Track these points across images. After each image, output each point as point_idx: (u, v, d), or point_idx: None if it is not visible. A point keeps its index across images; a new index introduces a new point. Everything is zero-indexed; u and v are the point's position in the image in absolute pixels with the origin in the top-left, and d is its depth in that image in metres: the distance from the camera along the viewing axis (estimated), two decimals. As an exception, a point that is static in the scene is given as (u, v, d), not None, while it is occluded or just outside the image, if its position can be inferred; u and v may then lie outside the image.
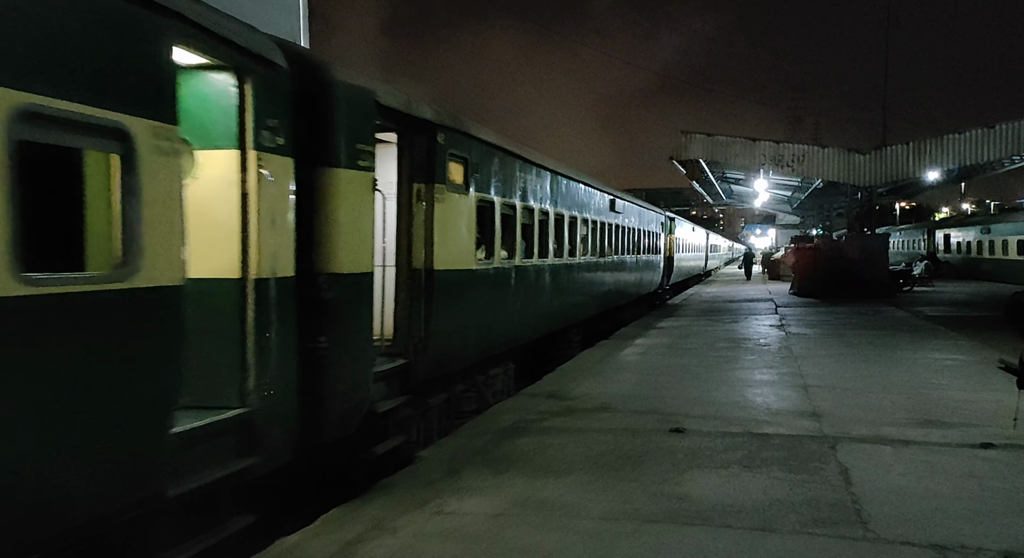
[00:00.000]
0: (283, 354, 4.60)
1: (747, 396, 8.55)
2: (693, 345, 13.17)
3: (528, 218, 9.74)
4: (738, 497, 5.10)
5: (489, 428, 7.26)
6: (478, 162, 7.78)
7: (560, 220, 11.38)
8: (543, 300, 10.44)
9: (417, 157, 6.48)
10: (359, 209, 5.28)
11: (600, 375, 10.17)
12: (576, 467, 5.89)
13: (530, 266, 9.79)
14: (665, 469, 5.79)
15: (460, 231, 7.21)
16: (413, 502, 5.11)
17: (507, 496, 5.21)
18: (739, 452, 6.21)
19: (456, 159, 7.12)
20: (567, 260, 11.73)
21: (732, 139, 25.31)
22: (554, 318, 11.12)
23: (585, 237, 13.11)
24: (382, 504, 5.09)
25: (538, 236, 10.17)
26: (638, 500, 5.09)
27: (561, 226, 11.44)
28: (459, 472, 5.80)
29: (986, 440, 6.41)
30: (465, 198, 7.42)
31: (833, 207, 35.18)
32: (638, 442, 6.61)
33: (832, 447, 6.34)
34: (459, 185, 7.26)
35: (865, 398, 8.33)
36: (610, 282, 15.56)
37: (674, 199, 55.76)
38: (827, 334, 14.56)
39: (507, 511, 4.92)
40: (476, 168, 7.71)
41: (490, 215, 8.26)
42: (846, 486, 5.30)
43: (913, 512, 4.78)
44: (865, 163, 24.16)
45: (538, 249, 10.15)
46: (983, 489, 5.22)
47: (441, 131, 6.70)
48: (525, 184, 9.53)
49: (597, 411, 7.92)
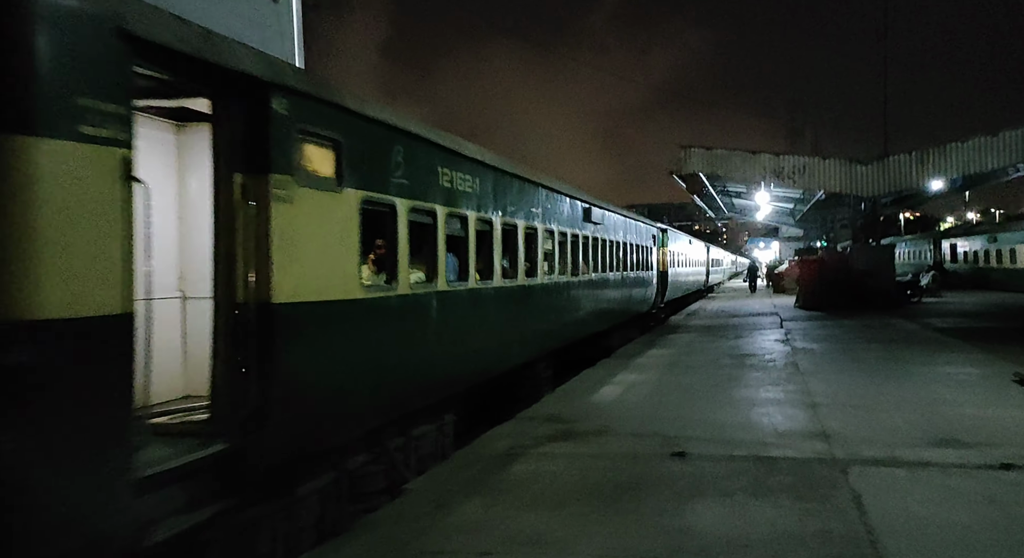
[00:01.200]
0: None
1: (752, 417, 8.20)
2: (696, 362, 12.82)
3: (459, 229, 7.59)
4: (744, 530, 4.75)
5: (482, 455, 6.93)
6: (362, 148, 5.63)
7: (511, 232, 9.19)
8: (489, 332, 8.41)
9: (238, 134, 4.42)
10: (82, 208, 3.27)
11: (599, 396, 9.83)
12: (571, 498, 5.55)
13: (463, 291, 7.62)
14: (665, 498, 5.45)
15: (330, 246, 5.11)
16: (396, 542, 4.78)
17: (496, 533, 4.87)
18: (744, 478, 5.87)
19: (319, 141, 5.03)
20: (524, 282, 9.55)
21: (731, 152, 25.11)
22: (509, 352, 9.10)
23: (550, 253, 10.93)
24: (363, 544, 4.77)
25: (476, 253, 7.96)
26: (636, 535, 4.75)
27: (512, 240, 9.24)
28: (447, 504, 5.47)
29: (1006, 460, 6.07)
30: (338, 198, 5.23)
31: (836, 219, 34.87)
32: (638, 468, 6.27)
33: (843, 471, 6.00)
34: (325, 179, 5.11)
35: (876, 417, 7.98)
36: (588, 304, 13.35)
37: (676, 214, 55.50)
38: (834, 349, 14.19)
39: (496, 549, 4.58)
40: (358, 156, 5.52)
41: (390, 223, 6.08)
42: (860, 516, 4.95)
43: (933, 545, 4.43)
44: (867, 173, 23.90)
45: (479, 269, 8.11)
46: (1006, 517, 4.87)
47: (282, 95, 4.60)
48: (454, 184, 7.40)
49: (596, 434, 7.58)
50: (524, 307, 9.75)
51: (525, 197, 9.75)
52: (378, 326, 5.84)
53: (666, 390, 10.13)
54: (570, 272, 11.93)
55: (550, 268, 10.87)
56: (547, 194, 10.77)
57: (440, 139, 7.15)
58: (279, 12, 21.79)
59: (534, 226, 10.01)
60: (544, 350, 10.78)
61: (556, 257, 11.11)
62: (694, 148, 25.22)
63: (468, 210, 7.79)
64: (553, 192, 11.12)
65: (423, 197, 6.72)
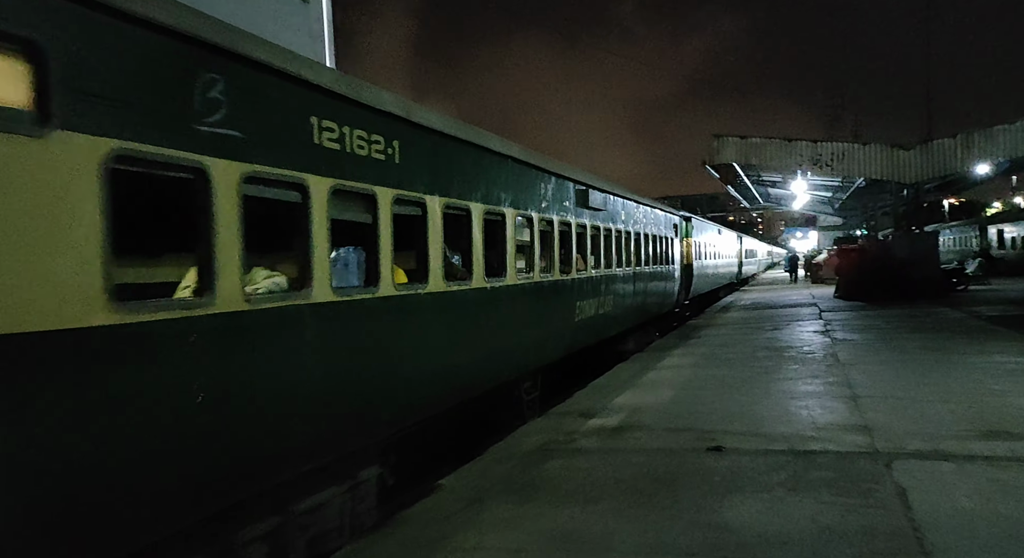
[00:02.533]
0: None
1: (790, 410, 8.03)
2: (731, 355, 12.61)
3: (359, 210, 5.32)
4: (783, 526, 4.64)
5: (515, 451, 6.91)
6: (110, 62, 3.38)
7: (459, 219, 7.03)
8: (431, 352, 6.30)
9: None
10: None
11: (634, 390, 9.73)
12: (606, 493, 5.50)
13: (372, 301, 5.39)
14: (702, 494, 5.35)
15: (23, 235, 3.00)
16: (430, 538, 4.78)
17: (531, 529, 4.84)
18: (783, 473, 5.74)
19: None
20: (486, 284, 7.47)
21: (767, 140, 24.61)
22: (465, 377, 7.02)
23: (529, 247, 8.71)
24: (397, 541, 4.78)
25: (393, 245, 5.76)
26: (673, 530, 4.67)
27: (463, 228, 7.10)
28: (481, 501, 5.46)
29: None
30: (43, 149, 3.06)
31: (878, 206, 33.96)
32: (673, 463, 6.18)
33: (887, 465, 5.82)
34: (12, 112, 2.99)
35: (921, 408, 7.74)
36: (587, 309, 11.14)
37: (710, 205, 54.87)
38: (876, 339, 13.82)
39: (529, 547, 4.55)
40: (96, 74, 3.30)
41: (202, 202, 3.94)
42: (904, 511, 4.80)
43: (982, 540, 4.26)
44: (910, 159, 23.21)
45: (409, 268, 6.25)
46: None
47: None
48: (351, 144, 5.13)
49: (630, 429, 7.50)
50: (487, 317, 7.63)
51: (483, 172, 7.49)
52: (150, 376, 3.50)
53: (701, 384, 9.98)
54: (558, 270, 9.63)
55: (528, 265, 8.64)
56: (521, 170, 8.20)
57: (320, 77, 4.68)
58: (309, 13, 22.02)
59: (499, 211, 7.84)
60: (523, 370, 8.59)
61: (537, 251, 8.83)
62: (727, 137, 24.78)
63: (374, 185, 5.33)
64: (531, 168, 8.53)
65: (274, 159, 4.32)
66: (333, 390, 4.91)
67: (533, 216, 8.76)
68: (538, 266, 8.93)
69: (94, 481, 3.27)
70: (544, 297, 9.24)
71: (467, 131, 7.21)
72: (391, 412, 5.66)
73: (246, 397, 4.17)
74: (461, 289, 6.99)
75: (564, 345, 9.98)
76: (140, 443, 3.49)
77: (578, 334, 10.61)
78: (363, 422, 5.31)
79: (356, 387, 5.20)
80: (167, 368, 3.65)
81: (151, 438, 3.55)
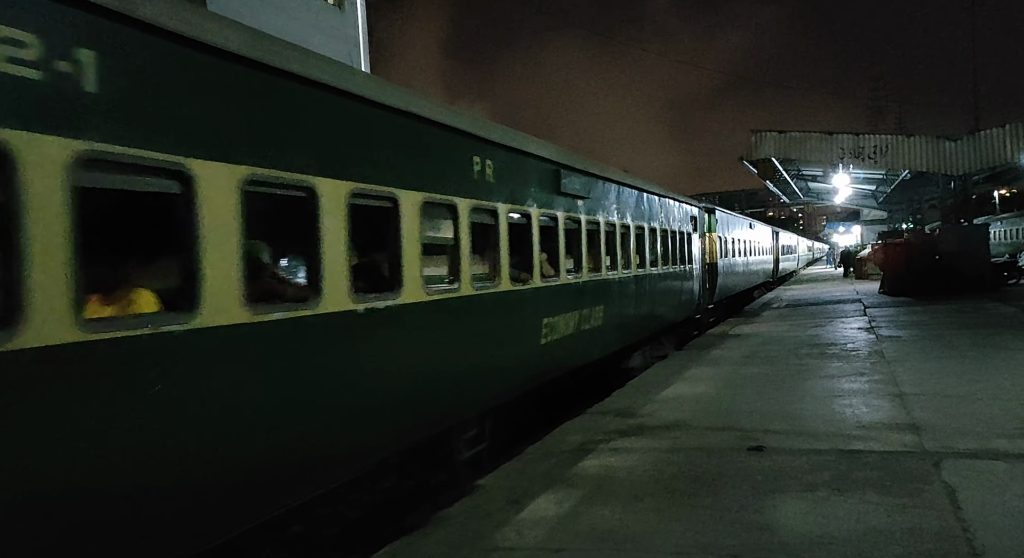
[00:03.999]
0: None
1: (834, 408, 7.88)
2: (772, 353, 12.41)
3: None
4: (828, 526, 4.57)
5: (554, 450, 6.92)
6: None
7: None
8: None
9: None
10: None
11: (673, 389, 9.65)
12: (646, 492, 5.48)
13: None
14: (744, 493, 5.30)
15: None
16: (470, 537, 4.83)
17: (571, 528, 4.86)
18: (827, 472, 5.64)
19: None
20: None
21: (806, 134, 24.17)
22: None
23: (454, 247, 6.24)
24: (438, 540, 4.84)
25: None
26: (715, 530, 4.64)
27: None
28: (520, 501, 5.49)
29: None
30: None
31: (924, 199, 33.05)
32: (714, 462, 6.13)
33: (935, 464, 5.68)
34: None
35: (971, 407, 7.53)
36: (565, 325, 8.52)
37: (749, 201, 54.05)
38: (923, 336, 13.47)
39: (570, 545, 4.57)
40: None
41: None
42: (954, 511, 4.69)
43: (1037, 542, 4.14)
44: (957, 150, 22.54)
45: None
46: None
47: None
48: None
49: (669, 428, 7.45)
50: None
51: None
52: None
53: (741, 382, 9.85)
54: (507, 278, 7.05)
55: (452, 273, 6.23)
56: (429, 134, 5.87)
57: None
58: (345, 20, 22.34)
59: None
60: (456, 416, 6.29)
61: (464, 254, 6.29)
62: (766, 132, 24.41)
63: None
64: (449, 133, 6.18)
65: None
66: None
67: (458, 203, 6.16)
68: (467, 274, 6.25)
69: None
70: (482, 315, 6.61)
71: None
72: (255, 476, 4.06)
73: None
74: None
75: (525, 376, 7.50)
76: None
77: (547, 359, 7.98)
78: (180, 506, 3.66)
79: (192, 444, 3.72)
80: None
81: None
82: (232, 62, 3.93)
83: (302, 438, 4.33)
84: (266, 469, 4.07)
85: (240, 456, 3.90)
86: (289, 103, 4.38)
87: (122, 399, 3.26)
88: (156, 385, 3.40)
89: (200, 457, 3.65)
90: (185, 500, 3.58)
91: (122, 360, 3.26)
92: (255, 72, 4.10)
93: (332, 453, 4.64)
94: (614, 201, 10.60)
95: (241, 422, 3.92)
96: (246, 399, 3.95)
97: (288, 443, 4.22)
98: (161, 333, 3.44)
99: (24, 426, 2.86)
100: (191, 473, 3.60)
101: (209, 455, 3.71)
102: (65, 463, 3.01)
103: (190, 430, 3.60)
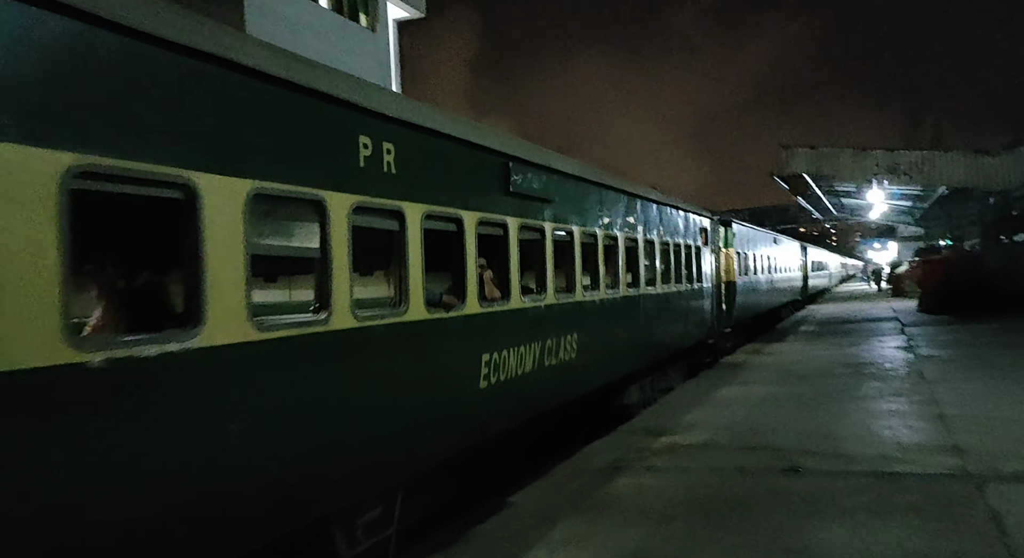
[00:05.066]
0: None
1: (873, 429, 7.69)
2: (806, 371, 12.18)
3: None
4: (868, 551, 4.45)
5: (584, 469, 6.86)
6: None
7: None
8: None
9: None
10: None
11: (704, 408, 9.52)
12: (679, 513, 5.39)
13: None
14: (780, 516, 5.19)
15: None
16: (500, 555, 4.80)
17: (601, 549, 4.80)
18: (866, 496, 5.50)
19: None
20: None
21: (839, 150, 23.84)
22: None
23: (321, 262, 4.36)
24: (469, 557, 4.81)
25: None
26: (749, 554, 4.55)
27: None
28: (551, 519, 5.44)
29: None
30: None
31: (963, 215, 32.33)
32: (748, 483, 6.02)
33: (979, 488, 5.51)
34: None
35: (1017, 429, 7.29)
36: (521, 361, 6.63)
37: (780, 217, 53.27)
38: (964, 355, 13.11)
39: (601, 566, 4.51)
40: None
41: None
42: (1000, 537, 4.53)
43: (1090, 571, 3.99)
44: (997, 165, 22.04)
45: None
46: None
47: None
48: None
49: (702, 448, 7.34)
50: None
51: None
52: None
53: (775, 401, 9.68)
54: (419, 304, 5.17)
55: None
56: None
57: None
58: (377, 42, 22.73)
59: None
60: (350, 495, 4.54)
61: (336, 273, 4.39)
62: (797, 148, 24.13)
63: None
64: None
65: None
66: None
67: (327, 200, 4.31)
68: (345, 299, 4.40)
69: None
70: (372, 355, 4.69)
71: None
72: None
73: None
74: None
75: (452, 432, 5.53)
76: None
77: (491, 407, 6.07)
78: None
79: None
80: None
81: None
82: None
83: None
84: None
85: None
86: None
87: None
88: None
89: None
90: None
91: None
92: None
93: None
94: (595, 207, 8.69)
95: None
96: None
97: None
98: None
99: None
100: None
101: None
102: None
103: None
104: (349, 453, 4.41)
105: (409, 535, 5.76)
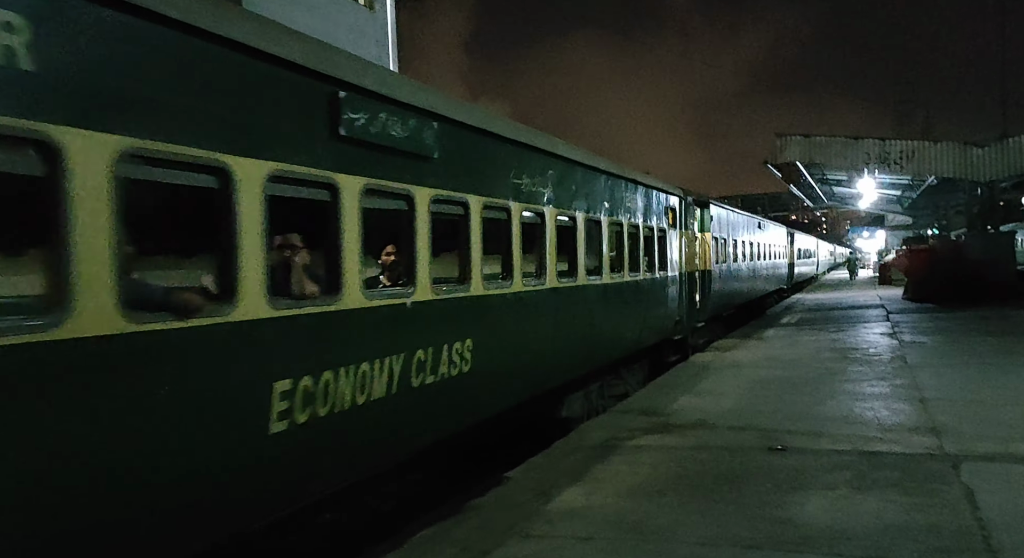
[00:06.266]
0: None
1: (856, 411, 8.00)
2: (795, 356, 12.49)
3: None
4: (847, 522, 4.73)
5: (579, 446, 7.13)
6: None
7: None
8: None
9: None
10: None
11: (695, 390, 9.81)
12: (670, 487, 5.67)
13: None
14: (766, 490, 5.47)
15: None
16: (501, 525, 5.05)
17: (598, 519, 5.06)
18: (847, 472, 5.79)
19: None
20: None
21: (831, 139, 24.10)
22: None
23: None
24: (471, 526, 5.06)
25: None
26: (737, 524, 4.82)
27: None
28: (548, 493, 5.70)
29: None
30: None
31: (950, 205, 32.73)
32: (736, 461, 6.30)
33: (955, 466, 5.81)
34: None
35: (993, 412, 7.62)
36: (405, 374, 5.03)
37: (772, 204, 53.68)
38: (946, 342, 13.48)
39: (598, 534, 4.77)
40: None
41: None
42: (972, 510, 4.83)
43: (1053, 541, 4.28)
44: (984, 156, 22.37)
45: None
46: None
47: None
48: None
49: (693, 427, 7.62)
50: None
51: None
52: None
53: (764, 384, 9.98)
54: (164, 301, 3.46)
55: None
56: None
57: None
58: (375, 20, 22.66)
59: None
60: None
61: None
62: (790, 136, 24.36)
63: None
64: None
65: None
66: None
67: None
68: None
69: None
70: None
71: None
72: None
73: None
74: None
75: (211, 512, 3.63)
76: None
77: (294, 461, 4.11)
78: None
79: None
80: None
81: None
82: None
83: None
84: None
85: None
86: None
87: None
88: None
89: None
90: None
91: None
92: None
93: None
94: (506, 173, 6.68)
95: None
96: None
97: None
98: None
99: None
100: None
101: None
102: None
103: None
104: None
105: (409, 508, 6.02)
